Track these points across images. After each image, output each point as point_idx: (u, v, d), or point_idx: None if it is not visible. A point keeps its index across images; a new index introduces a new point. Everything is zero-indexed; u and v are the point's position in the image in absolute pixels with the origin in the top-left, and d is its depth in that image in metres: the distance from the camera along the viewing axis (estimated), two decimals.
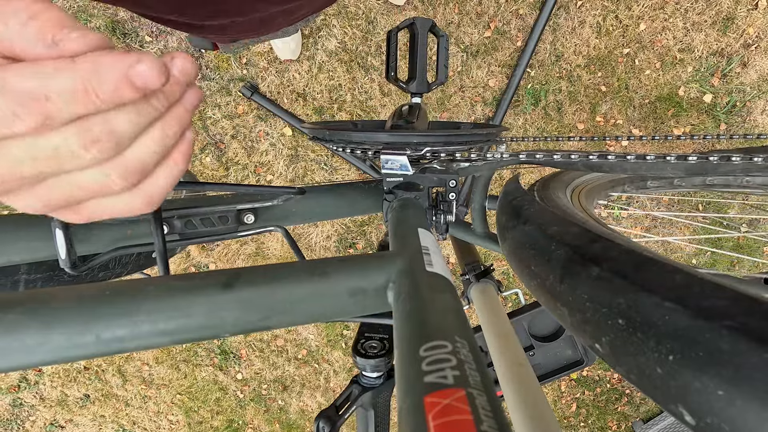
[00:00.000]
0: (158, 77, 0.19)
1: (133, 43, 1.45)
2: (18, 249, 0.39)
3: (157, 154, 0.22)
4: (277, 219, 0.49)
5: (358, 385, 0.43)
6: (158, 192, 0.23)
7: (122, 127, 0.20)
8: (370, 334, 0.45)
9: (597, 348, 0.20)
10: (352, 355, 0.43)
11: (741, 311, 0.15)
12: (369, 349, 0.43)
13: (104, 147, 0.19)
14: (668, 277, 0.18)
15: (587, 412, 2.16)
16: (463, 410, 0.14)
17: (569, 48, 1.54)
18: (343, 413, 0.41)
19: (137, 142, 0.21)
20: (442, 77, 0.60)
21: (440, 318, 0.19)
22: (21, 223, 0.40)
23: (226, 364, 1.99)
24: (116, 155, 0.20)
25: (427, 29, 0.58)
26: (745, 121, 1.63)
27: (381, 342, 0.44)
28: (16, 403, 2.01)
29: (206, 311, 0.22)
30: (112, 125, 0.19)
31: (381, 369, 0.43)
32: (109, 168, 0.20)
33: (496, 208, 0.40)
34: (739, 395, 0.13)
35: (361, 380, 0.43)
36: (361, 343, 0.44)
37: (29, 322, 0.20)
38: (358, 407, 0.42)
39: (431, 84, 0.60)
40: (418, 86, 0.59)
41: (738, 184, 0.72)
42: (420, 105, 0.58)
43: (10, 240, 0.39)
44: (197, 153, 1.59)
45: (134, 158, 0.21)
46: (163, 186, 0.23)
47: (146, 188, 0.23)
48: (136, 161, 0.21)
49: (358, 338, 0.45)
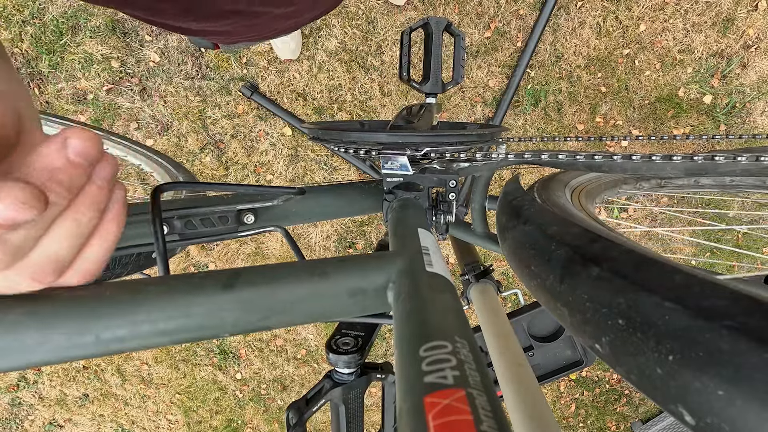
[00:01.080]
0: (29, 210, 0.17)
1: (133, 42, 1.45)
2: None
3: (74, 245, 0.20)
4: (277, 219, 0.49)
5: (330, 380, 0.44)
6: (93, 266, 0.22)
7: (15, 237, 0.18)
8: (347, 331, 0.46)
9: (597, 348, 0.20)
10: (325, 351, 0.44)
11: (741, 311, 0.15)
12: (342, 345, 0.44)
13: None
14: (668, 277, 0.18)
15: (586, 413, 2.16)
16: (463, 410, 0.14)
17: (569, 48, 1.54)
18: (312, 406, 0.42)
19: (44, 242, 0.19)
20: (458, 77, 0.60)
21: (440, 318, 0.19)
22: None
23: (225, 364, 1.99)
24: (18, 261, 0.19)
25: (441, 29, 0.58)
26: (744, 122, 1.63)
27: (355, 339, 0.44)
28: (14, 403, 2.01)
29: (206, 311, 0.22)
30: (2, 238, 0.17)
31: (353, 365, 0.44)
32: (14, 275, 0.19)
33: (496, 209, 0.40)
34: (739, 395, 0.13)
35: (334, 375, 0.44)
36: (335, 339, 0.45)
37: (29, 322, 0.20)
38: (328, 401, 0.43)
39: (446, 84, 0.60)
40: (431, 86, 0.59)
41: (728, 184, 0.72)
42: (430, 105, 0.58)
43: None
44: (197, 152, 1.59)
45: (44, 257, 0.19)
46: (97, 258, 0.22)
47: (79, 266, 0.21)
48: (46, 259, 0.19)
49: (334, 334, 0.45)
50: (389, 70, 1.52)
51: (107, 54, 1.44)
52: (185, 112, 1.54)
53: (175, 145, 1.58)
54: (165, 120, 1.55)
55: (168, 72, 1.49)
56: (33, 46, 1.41)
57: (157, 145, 1.57)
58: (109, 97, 1.49)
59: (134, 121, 1.54)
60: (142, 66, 1.48)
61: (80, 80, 1.46)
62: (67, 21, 1.40)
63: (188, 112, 1.54)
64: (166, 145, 1.58)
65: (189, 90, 1.51)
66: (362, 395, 0.44)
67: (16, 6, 1.37)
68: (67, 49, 1.43)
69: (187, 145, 1.58)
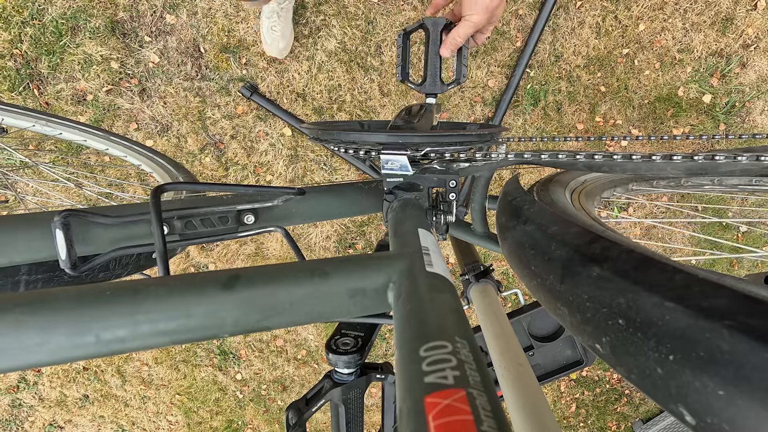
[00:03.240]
0: None
1: (133, 43, 1.45)
2: (18, 249, 0.39)
3: None
4: (278, 219, 0.49)
5: (330, 380, 0.44)
6: None
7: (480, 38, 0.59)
8: (347, 331, 0.46)
9: (597, 348, 0.20)
10: (325, 351, 0.44)
11: (742, 311, 0.15)
12: (342, 345, 0.44)
13: None
14: (668, 276, 0.18)
15: (587, 413, 2.16)
16: (463, 410, 0.14)
17: (569, 48, 1.54)
18: (311, 406, 0.42)
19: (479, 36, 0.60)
20: (459, 76, 0.60)
21: (440, 318, 0.19)
22: (21, 223, 0.40)
23: (225, 365, 1.99)
24: None
25: (440, 29, 0.58)
26: (744, 122, 1.63)
27: (354, 339, 0.44)
28: (15, 404, 2.01)
29: (206, 312, 0.22)
30: None
31: (352, 366, 0.44)
32: None
33: (496, 209, 0.40)
34: (740, 395, 0.13)
35: (334, 376, 0.44)
36: (335, 339, 0.45)
37: (30, 323, 0.20)
38: (328, 401, 0.43)
39: (447, 84, 0.60)
40: (429, 86, 0.59)
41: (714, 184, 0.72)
42: (430, 105, 0.58)
43: (11, 240, 0.39)
44: (197, 153, 1.59)
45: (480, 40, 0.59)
46: None
47: None
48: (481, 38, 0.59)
49: (333, 335, 0.45)
50: (389, 70, 1.52)
51: (107, 55, 1.44)
52: (185, 113, 1.54)
53: (174, 145, 1.58)
54: (165, 121, 1.55)
55: (167, 73, 1.49)
56: (32, 47, 1.41)
57: (156, 146, 1.57)
58: (108, 98, 1.49)
59: (134, 121, 1.54)
60: (141, 67, 1.48)
61: (80, 81, 1.46)
62: (66, 22, 1.40)
63: (188, 112, 1.54)
64: (165, 145, 1.58)
65: (188, 91, 1.51)
66: (362, 395, 0.44)
67: (15, 7, 1.37)
68: (66, 50, 1.43)
69: (187, 145, 1.58)
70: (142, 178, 1.49)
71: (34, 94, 1.46)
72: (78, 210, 0.40)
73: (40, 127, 0.90)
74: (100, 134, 0.96)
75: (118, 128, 1.54)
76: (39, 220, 0.40)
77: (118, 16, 1.42)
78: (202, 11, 1.44)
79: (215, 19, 1.45)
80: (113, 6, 1.41)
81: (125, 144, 0.97)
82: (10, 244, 0.39)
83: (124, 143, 0.97)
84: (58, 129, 0.92)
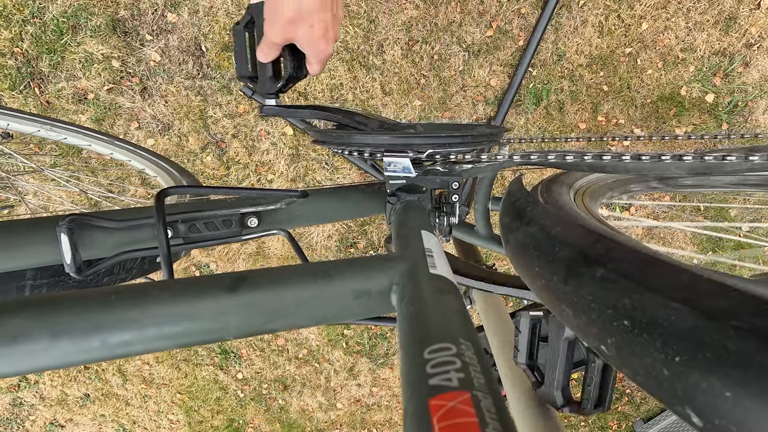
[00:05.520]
0: None
1: (134, 41, 1.45)
2: (24, 254, 0.39)
3: None
4: (281, 222, 0.49)
5: None
6: None
7: None
8: None
9: (602, 350, 0.20)
10: None
11: (748, 311, 0.15)
12: None
13: None
14: (674, 277, 0.18)
15: None
16: (468, 413, 0.14)
17: (571, 47, 1.53)
18: None
19: None
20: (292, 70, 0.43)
21: (444, 320, 0.19)
22: (27, 228, 0.40)
23: (226, 364, 1.99)
24: None
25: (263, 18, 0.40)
26: (747, 121, 1.62)
27: None
28: (16, 403, 2.01)
29: (211, 315, 0.22)
30: None
31: None
32: None
33: (500, 210, 0.40)
34: (748, 396, 0.13)
35: None
36: None
37: (36, 327, 0.20)
38: None
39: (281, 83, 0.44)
40: (260, 87, 0.45)
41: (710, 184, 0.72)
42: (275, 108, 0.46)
43: (17, 245, 0.39)
44: (198, 152, 1.59)
45: None
46: None
47: None
48: None
49: None
50: (390, 69, 1.52)
51: (108, 53, 1.44)
52: (186, 112, 1.54)
53: (176, 144, 1.58)
54: (166, 119, 1.55)
55: (169, 71, 1.49)
56: (33, 45, 1.41)
57: (158, 145, 1.57)
58: (109, 97, 1.49)
59: (135, 120, 1.54)
60: (142, 65, 1.48)
61: (81, 80, 1.46)
62: (67, 20, 1.40)
63: (189, 111, 1.54)
64: (167, 144, 1.58)
65: (190, 89, 1.51)
66: None
67: (16, 5, 1.37)
68: (67, 48, 1.43)
69: (189, 144, 1.58)
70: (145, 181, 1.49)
71: (34, 92, 1.46)
72: (83, 215, 0.40)
73: (45, 132, 0.90)
74: (104, 138, 0.96)
75: (120, 127, 1.54)
76: (44, 224, 0.40)
77: (119, 14, 1.42)
78: (204, 10, 1.43)
79: (216, 17, 1.45)
80: (114, 4, 1.41)
81: (129, 147, 0.97)
82: (16, 248, 0.39)
83: (128, 147, 0.97)
84: (63, 134, 0.92)
